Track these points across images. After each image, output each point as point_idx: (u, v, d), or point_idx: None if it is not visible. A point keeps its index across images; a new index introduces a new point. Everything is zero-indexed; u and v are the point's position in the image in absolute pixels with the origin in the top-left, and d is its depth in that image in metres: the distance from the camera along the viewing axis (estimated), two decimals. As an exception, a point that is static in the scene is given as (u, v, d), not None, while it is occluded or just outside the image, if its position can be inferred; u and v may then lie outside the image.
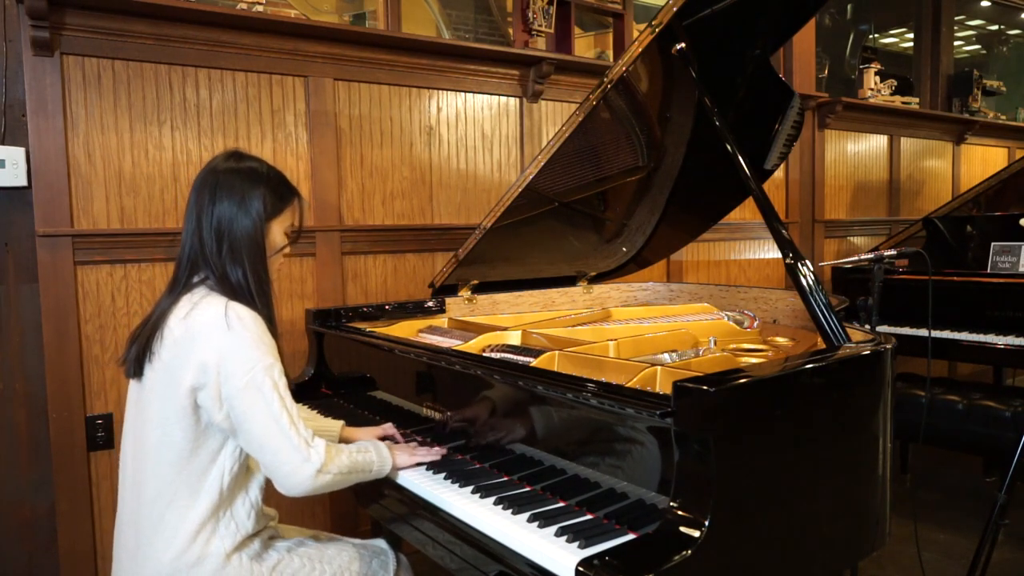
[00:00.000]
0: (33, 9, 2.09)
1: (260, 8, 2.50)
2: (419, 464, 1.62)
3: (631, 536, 1.20)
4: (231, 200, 1.47)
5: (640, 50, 1.93)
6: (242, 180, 1.49)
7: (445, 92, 2.97)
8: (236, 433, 1.41)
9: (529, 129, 3.18)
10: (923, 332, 3.29)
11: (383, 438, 1.79)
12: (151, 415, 1.42)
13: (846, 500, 1.37)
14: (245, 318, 1.41)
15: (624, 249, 2.74)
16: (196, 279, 1.48)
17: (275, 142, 2.60)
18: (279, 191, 1.54)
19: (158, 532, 1.41)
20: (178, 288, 1.48)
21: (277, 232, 1.55)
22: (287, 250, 1.59)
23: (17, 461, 2.31)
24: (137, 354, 1.44)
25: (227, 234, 1.46)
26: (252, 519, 1.48)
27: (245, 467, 1.49)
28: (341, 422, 1.83)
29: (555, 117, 3.25)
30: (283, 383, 1.42)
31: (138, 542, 1.43)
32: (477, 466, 1.59)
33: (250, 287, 1.46)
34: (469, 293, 2.52)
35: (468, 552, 1.33)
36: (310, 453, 1.40)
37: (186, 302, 1.44)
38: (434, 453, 1.67)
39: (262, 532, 1.52)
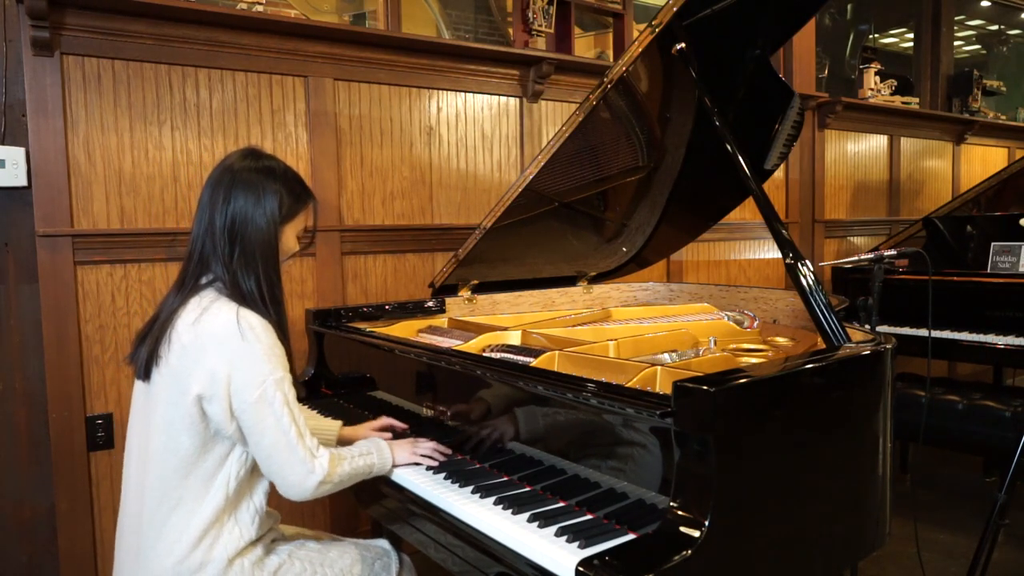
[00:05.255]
0: (33, 9, 2.09)
1: (260, 8, 2.50)
2: (419, 464, 1.62)
3: (631, 536, 1.20)
4: (247, 199, 1.45)
5: (640, 50, 1.94)
6: (259, 178, 1.47)
7: (445, 92, 2.97)
8: (245, 441, 1.41)
9: (529, 129, 3.18)
10: (923, 332, 3.29)
11: (384, 429, 1.79)
12: (156, 420, 1.41)
13: (846, 500, 1.37)
14: (257, 327, 1.39)
15: (624, 249, 2.74)
16: (204, 280, 1.46)
17: (275, 142, 2.60)
18: (295, 191, 1.52)
19: (161, 536, 1.40)
20: (186, 288, 1.46)
21: (290, 236, 1.54)
22: (296, 254, 1.58)
23: (17, 461, 2.31)
24: (146, 357, 1.42)
25: (240, 235, 1.44)
26: (256, 524, 1.47)
27: (250, 472, 1.47)
28: (339, 423, 1.82)
29: (555, 117, 3.25)
30: (292, 396, 1.42)
31: (140, 546, 1.42)
32: (477, 466, 1.59)
33: (263, 294, 1.44)
34: (469, 293, 2.52)
35: (469, 553, 1.33)
36: (315, 465, 1.41)
37: (195, 306, 1.42)
38: (437, 451, 1.64)
39: (264, 536, 1.51)
